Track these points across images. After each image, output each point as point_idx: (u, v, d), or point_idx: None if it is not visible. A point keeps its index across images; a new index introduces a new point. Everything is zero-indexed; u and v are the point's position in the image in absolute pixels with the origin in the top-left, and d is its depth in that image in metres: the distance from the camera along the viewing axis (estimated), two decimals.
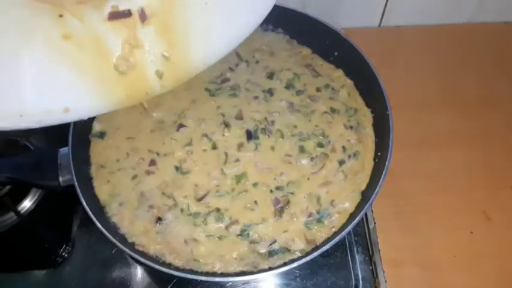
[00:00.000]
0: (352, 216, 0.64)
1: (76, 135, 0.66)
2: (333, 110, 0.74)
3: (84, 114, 0.57)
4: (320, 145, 0.69)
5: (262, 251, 0.61)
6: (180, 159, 0.67)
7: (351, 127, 0.72)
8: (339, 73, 0.79)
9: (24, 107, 0.53)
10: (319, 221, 0.63)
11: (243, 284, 0.67)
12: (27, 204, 0.76)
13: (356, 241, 0.71)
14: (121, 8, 0.52)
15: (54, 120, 0.57)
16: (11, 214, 0.74)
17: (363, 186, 0.67)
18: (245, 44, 0.80)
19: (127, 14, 0.53)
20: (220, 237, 0.62)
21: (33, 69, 0.51)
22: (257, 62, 0.79)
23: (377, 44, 0.92)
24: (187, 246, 0.61)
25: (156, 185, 0.65)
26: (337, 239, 0.58)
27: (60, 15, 0.51)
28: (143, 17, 0.54)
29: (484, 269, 0.69)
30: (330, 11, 0.92)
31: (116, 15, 0.53)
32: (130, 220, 0.63)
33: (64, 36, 0.51)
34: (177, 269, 0.60)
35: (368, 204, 0.61)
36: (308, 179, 0.67)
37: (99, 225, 0.58)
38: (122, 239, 0.62)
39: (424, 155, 0.79)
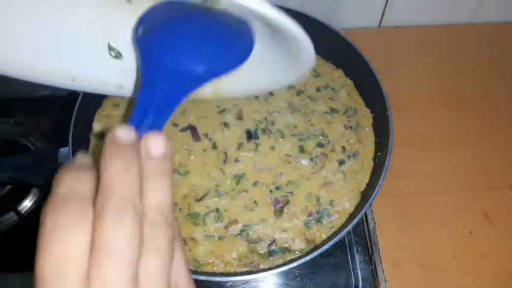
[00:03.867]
0: (352, 216, 0.64)
1: (76, 135, 0.66)
2: (332, 110, 0.74)
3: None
4: (320, 145, 0.70)
5: (262, 251, 0.62)
6: (180, 159, 0.67)
7: (350, 127, 0.72)
8: (339, 73, 0.79)
9: (79, 74, 0.55)
10: (318, 220, 0.64)
11: (243, 283, 0.67)
12: (27, 204, 0.76)
13: (355, 241, 0.71)
14: None
15: (106, 91, 0.60)
16: (11, 214, 0.74)
17: (362, 186, 0.67)
18: None
19: None
20: (219, 237, 0.62)
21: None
22: None
23: (377, 44, 0.91)
24: (186, 246, 0.61)
25: None
26: (337, 238, 0.58)
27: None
28: None
29: (484, 269, 0.69)
30: (330, 11, 0.92)
31: None
32: None
33: None
34: None
35: (367, 204, 0.61)
36: (308, 179, 0.67)
37: None
38: None
39: (424, 155, 0.79)
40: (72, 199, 0.27)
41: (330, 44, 0.78)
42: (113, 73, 0.57)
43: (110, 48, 0.54)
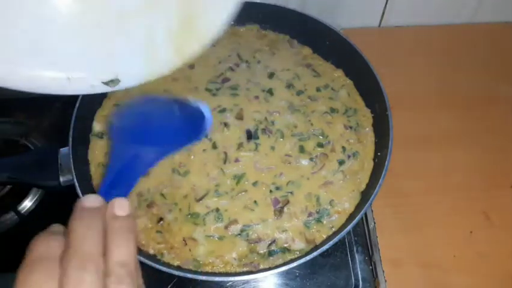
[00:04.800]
0: (352, 216, 0.64)
1: (76, 135, 0.66)
2: (333, 110, 0.74)
3: (130, 84, 0.59)
4: (320, 145, 0.70)
5: (262, 251, 0.61)
6: (179, 159, 0.67)
7: (350, 127, 0.72)
8: (339, 73, 0.79)
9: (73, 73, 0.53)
10: (318, 220, 0.64)
11: (243, 283, 0.67)
12: (27, 204, 0.76)
13: (355, 241, 0.71)
14: None
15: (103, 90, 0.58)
16: (11, 214, 0.74)
17: (362, 186, 0.67)
18: (246, 44, 0.81)
19: None
20: (219, 237, 0.62)
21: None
22: (258, 62, 0.79)
23: (377, 44, 0.92)
24: (186, 246, 0.61)
25: (155, 185, 0.65)
26: (336, 238, 0.58)
27: None
28: None
29: (484, 269, 0.69)
30: (330, 11, 0.92)
31: None
32: None
33: None
34: (177, 268, 0.60)
35: (367, 204, 0.61)
36: (308, 179, 0.67)
37: None
38: None
39: (424, 155, 0.79)
40: (41, 261, 0.30)
41: (330, 44, 0.78)
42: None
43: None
